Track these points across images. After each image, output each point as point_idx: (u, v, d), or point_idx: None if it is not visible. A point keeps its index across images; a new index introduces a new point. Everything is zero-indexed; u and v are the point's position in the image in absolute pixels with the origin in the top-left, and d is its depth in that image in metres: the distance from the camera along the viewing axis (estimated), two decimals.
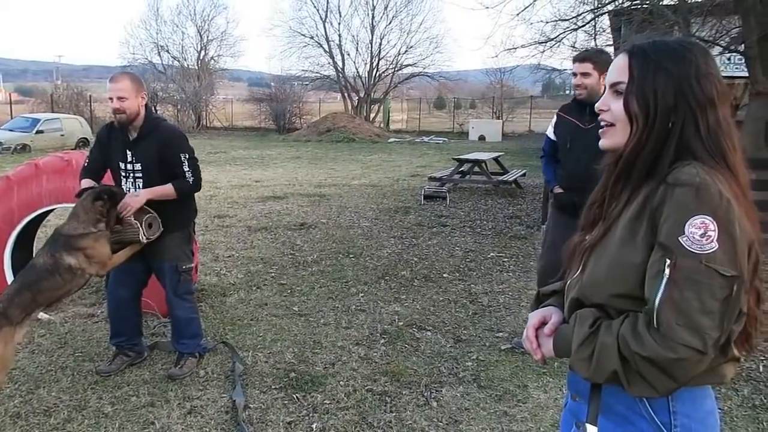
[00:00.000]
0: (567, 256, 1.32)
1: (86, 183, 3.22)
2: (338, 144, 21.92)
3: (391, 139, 24.08)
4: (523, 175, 10.98)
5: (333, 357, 3.59)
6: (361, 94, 31.60)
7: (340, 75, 32.03)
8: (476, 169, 10.50)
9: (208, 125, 30.66)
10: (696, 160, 1.09)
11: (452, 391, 3.17)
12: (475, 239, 6.73)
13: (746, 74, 7.06)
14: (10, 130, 18.15)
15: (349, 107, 31.00)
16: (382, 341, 3.84)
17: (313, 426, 2.82)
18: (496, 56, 32.41)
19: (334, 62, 32.17)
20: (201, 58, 33.60)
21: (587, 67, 3.31)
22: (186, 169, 3.21)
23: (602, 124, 1.23)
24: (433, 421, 2.88)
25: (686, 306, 1.03)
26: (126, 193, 3.14)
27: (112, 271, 3.25)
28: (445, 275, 5.31)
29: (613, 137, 1.20)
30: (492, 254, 6.06)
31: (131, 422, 2.85)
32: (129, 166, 3.22)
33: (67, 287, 2.94)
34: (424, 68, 32.60)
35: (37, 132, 18.15)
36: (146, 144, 3.19)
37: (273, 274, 5.31)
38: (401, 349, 3.72)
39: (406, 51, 32.32)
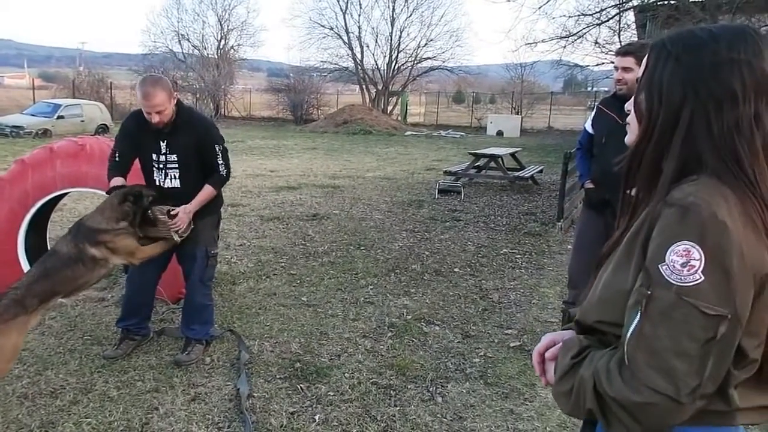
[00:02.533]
0: (593, 267, 1.18)
1: (116, 181, 3.16)
2: (355, 136, 21.89)
3: (408, 133, 23.99)
4: (540, 171, 10.86)
5: (339, 349, 3.57)
6: (379, 87, 31.53)
7: (359, 67, 31.98)
8: (492, 164, 10.40)
9: (226, 114, 30.79)
10: (704, 171, 0.95)
11: (458, 387, 3.13)
12: (488, 235, 6.67)
13: None
14: (32, 115, 18.39)
15: (367, 99, 30.95)
16: (390, 334, 3.81)
17: (316, 417, 2.81)
18: (517, 50, 32.29)
19: (353, 54, 32.16)
20: (221, 47, 33.71)
21: (629, 61, 3.19)
22: (220, 161, 3.22)
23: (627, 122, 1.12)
24: (437, 416, 2.85)
25: (658, 344, 0.90)
26: (154, 192, 3.15)
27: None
28: (456, 270, 5.27)
29: (632, 135, 1.09)
30: (505, 250, 5.99)
31: (135, 407, 2.85)
32: (163, 158, 3.19)
33: (88, 276, 2.97)
34: (444, 62, 32.49)
35: (58, 117, 18.37)
36: (182, 135, 3.15)
37: (283, 264, 5.30)
38: (408, 343, 3.68)
39: (425, 44, 32.22)
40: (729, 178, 0.93)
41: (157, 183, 3.24)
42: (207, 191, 3.21)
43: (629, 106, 1.11)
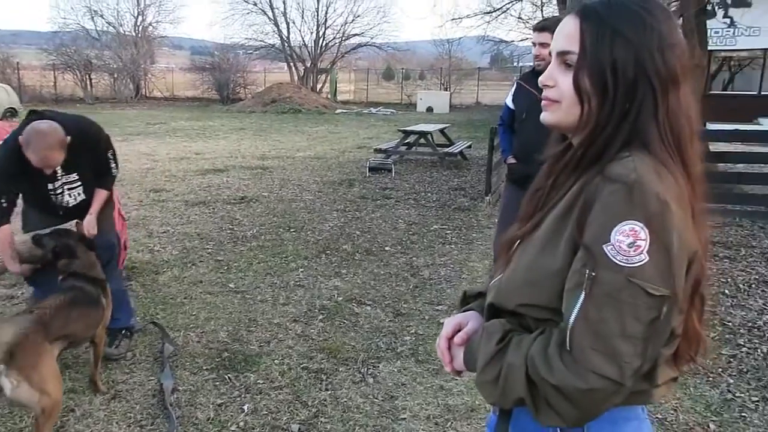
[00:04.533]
0: (498, 251, 1.14)
1: (5, 231, 2.92)
2: (284, 115, 21.42)
3: (339, 111, 23.73)
4: (469, 146, 11.00)
5: (269, 335, 3.49)
6: (308, 64, 30.92)
7: (286, 44, 31.18)
8: (422, 140, 10.45)
9: (147, 95, 29.40)
10: (645, 148, 0.92)
11: (389, 367, 3.13)
12: (418, 211, 6.70)
13: None
14: None
15: (295, 77, 30.30)
16: (320, 317, 3.76)
17: (245, 407, 2.73)
18: (443, 26, 32.30)
19: (279, 30, 31.30)
20: (138, 24, 31.98)
21: (546, 36, 3.20)
22: (112, 165, 3.22)
23: (544, 99, 1.04)
24: (368, 397, 2.84)
25: (604, 328, 0.86)
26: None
27: None
28: (387, 248, 5.26)
29: (557, 114, 1.02)
30: (435, 226, 6.04)
31: None
32: (60, 181, 3.03)
33: None
34: (372, 38, 32.17)
35: None
36: (77, 154, 2.94)
37: (210, 250, 5.13)
38: (339, 325, 3.65)
39: (353, 20, 31.75)
40: (666, 157, 0.92)
41: (60, 204, 3.09)
42: (103, 194, 3.20)
43: (547, 80, 1.03)
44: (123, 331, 3.30)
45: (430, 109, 24.85)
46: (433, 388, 2.92)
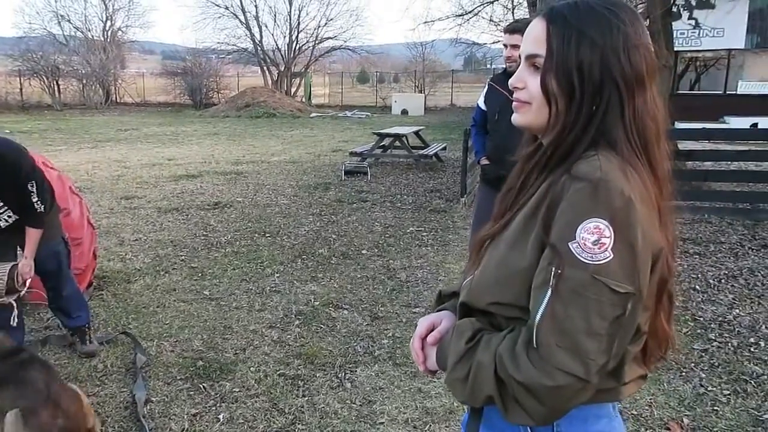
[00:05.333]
0: (471, 250, 1.14)
1: None
2: (258, 120, 21.26)
3: (313, 114, 23.65)
4: (444, 148, 11.05)
5: (244, 342, 3.45)
6: (281, 68, 30.76)
7: (258, 48, 30.99)
8: (397, 143, 10.46)
9: (118, 101, 28.93)
10: (612, 148, 0.93)
11: (367, 371, 3.11)
12: (395, 214, 6.70)
13: None
14: None
15: (269, 81, 30.13)
16: (297, 323, 3.73)
17: (220, 416, 2.69)
18: (415, 29, 32.43)
19: (252, 34, 31.09)
20: (107, 28, 31.48)
21: (517, 38, 3.21)
22: (35, 199, 2.86)
23: (515, 101, 1.05)
24: (346, 402, 2.81)
25: (569, 325, 0.87)
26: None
27: None
28: (363, 252, 5.24)
29: (527, 116, 1.03)
30: (411, 229, 6.04)
31: None
32: None
33: None
34: (345, 41, 32.16)
35: None
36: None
37: (183, 257, 5.05)
38: (316, 330, 3.62)
39: (326, 23, 31.71)
40: (632, 157, 0.93)
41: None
42: (35, 234, 2.92)
43: (517, 82, 1.04)
44: (86, 326, 3.32)
45: (405, 112, 24.91)
46: (411, 391, 2.91)
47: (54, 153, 11.68)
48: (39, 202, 2.88)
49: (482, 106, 3.65)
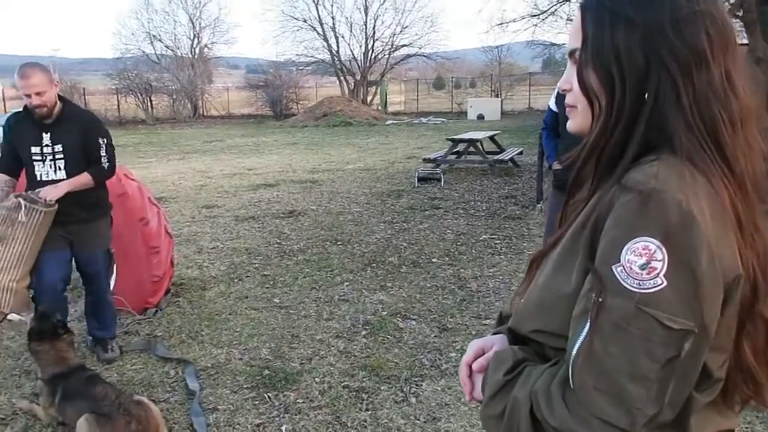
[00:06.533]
0: (528, 266, 1.01)
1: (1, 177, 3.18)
2: (335, 128, 21.64)
3: (389, 122, 23.78)
4: (520, 153, 10.74)
5: (311, 352, 3.43)
6: (357, 77, 31.20)
7: (335, 58, 31.61)
8: (472, 149, 10.27)
9: (204, 114, 30.36)
10: (669, 144, 0.77)
11: (433, 385, 3.00)
12: (467, 221, 6.54)
13: (746, 42, 6.80)
14: (1, 126, 17.98)
15: (346, 91, 30.63)
16: (364, 333, 3.67)
17: (283, 428, 2.67)
18: (488, 32, 31.84)
19: (329, 45, 31.75)
20: (194, 46, 33.19)
21: None
22: (103, 153, 3.20)
23: (566, 105, 0.93)
24: (410, 418, 2.72)
25: (610, 365, 0.72)
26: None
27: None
28: (434, 260, 5.14)
29: (576, 120, 0.91)
30: (484, 236, 5.87)
31: None
32: (46, 149, 3.13)
33: None
34: (420, 48, 32.15)
35: None
36: (67, 127, 3.14)
37: (257, 265, 5.14)
38: (383, 341, 3.55)
39: (401, 31, 31.85)
40: (699, 155, 0.76)
41: (39, 177, 3.15)
42: (84, 177, 3.16)
43: (565, 84, 0.91)
44: (110, 338, 3.49)
45: (481, 117, 24.54)
46: (478, 409, 2.77)
47: (145, 165, 12.39)
48: (105, 159, 3.21)
49: (553, 107, 3.47)
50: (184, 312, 4.10)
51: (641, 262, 0.71)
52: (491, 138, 11.07)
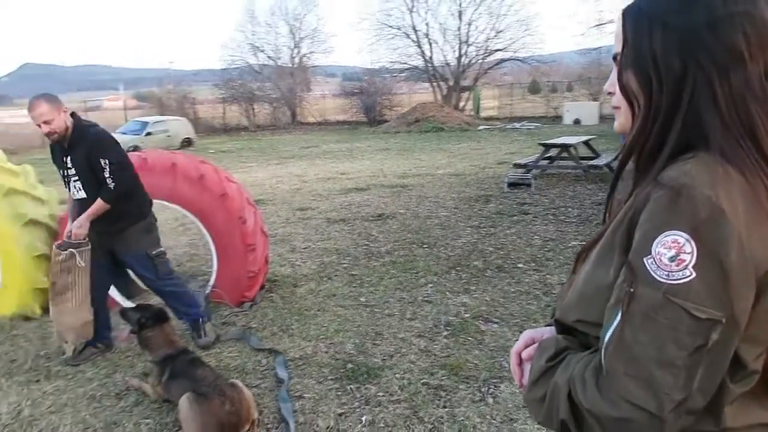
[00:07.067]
0: (575, 260, 1.05)
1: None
2: (427, 134, 21.79)
3: (481, 127, 23.57)
4: (616, 158, 10.30)
5: (392, 349, 3.55)
6: (450, 83, 31.19)
7: (428, 64, 31.78)
8: (565, 154, 10.00)
9: (302, 121, 31.60)
10: (705, 142, 0.79)
11: (511, 387, 3.02)
12: (557, 227, 6.41)
13: None
14: (124, 134, 19.67)
15: (438, 96, 30.71)
16: (445, 333, 3.74)
17: (363, 418, 2.80)
18: (584, 35, 30.53)
19: (422, 52, 31.98)
20: (294, 55, 34.63)
21: None
22: (107, 174, 3.30)
23: (612, 106, 0.97)
24: (486, 417, 2.76)
25: (639, 351, 0.77)
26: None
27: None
28: (519, 265, 5.10)
29: (620, 121, 0.94)
30: (573, 243, 5.73)
31: None
32: (70, 172, 3.40)
33: None
34: (515, 52, 31.60)
35: (147, 134, 19.59)
36: (77, 149, 3.34)
37: (345, 265, 5.35)
38: (464, 342, 3.60)
39: (495, 36, 31.46)
40: (735, 152, 0.78)
41: (73, 195, 3.46)
42: (98, 204, 3.33)
43: (608, 87, 0.96)
44: (201, 320, 3.72)
45: (577, 122, 23.73)
46: None
47: (246, 169, 13.14)
48: (110, 179, 3.30)
49: None
50: (276, 306, 4.35)
51: (670, 255, 0.75)
52: (586, 143, 10.72)
